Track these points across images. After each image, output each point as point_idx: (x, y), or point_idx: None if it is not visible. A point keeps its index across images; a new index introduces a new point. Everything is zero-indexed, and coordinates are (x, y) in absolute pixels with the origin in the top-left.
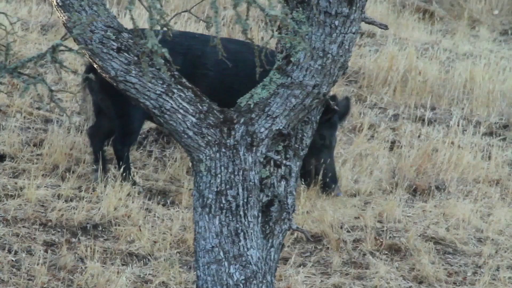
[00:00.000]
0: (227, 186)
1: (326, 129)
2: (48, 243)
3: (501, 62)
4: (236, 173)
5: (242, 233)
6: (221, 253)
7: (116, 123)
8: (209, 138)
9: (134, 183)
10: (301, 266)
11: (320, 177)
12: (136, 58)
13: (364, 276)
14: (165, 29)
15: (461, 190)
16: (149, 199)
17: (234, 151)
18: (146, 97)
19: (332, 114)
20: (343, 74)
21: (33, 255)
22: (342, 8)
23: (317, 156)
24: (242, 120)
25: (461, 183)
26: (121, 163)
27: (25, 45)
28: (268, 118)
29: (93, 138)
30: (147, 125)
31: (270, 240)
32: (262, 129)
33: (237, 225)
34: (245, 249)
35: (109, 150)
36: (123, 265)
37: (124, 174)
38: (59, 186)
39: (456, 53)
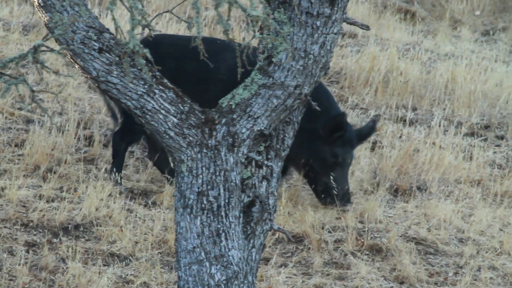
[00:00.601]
0: (209, 187)
1: (338, 146)
2: (30, 243)
3: (482, 62)
4: (217, 173)
5: (223, 234)
6: (203, 254)
7: (122, 119)
8: (191, 138)
9: (117, 183)
10: (283, 267)
11: (331, 192)
12: (117, 59)
13: (345, 277)
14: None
15: (442, 190)
16: (131, 200)
17: (216, 151)
18: (127, 97)
19: (343, 131)
20: (324, 75)
21: (15, 256)
22: (323, 9)
23: (329, 173)
24: (223, 120)
25: (443, 184)
26: (113, 158)
27: (7, 45)
28: (249, 118)
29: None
30: None
31: (252, 241)
32: (244, 130)
33: (219, 226)
34: (227, 250)
35: (90, 151)
36: (104, 265)
37: (111, 170)
38: (41, 186)
39: (438, 54)
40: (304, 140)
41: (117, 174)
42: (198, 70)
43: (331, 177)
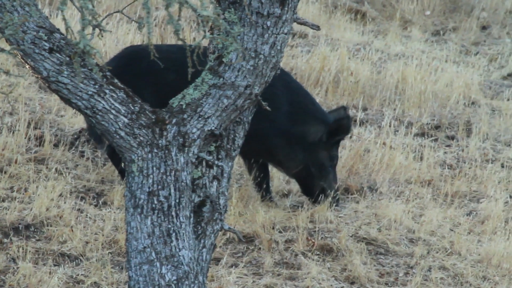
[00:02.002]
0: (159, 187)
1: (335, 149)
2: None
3: (433, 62)
4: (168, 173)
5: (174, 234)
6: (153, 254)
7: None
8: (141, 138)
9: None
10: (233, 267)
11: (328, 193)
12: (68, 59)
13: (296, 277)
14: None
15: (393, 190)
16: (81, 200)
17: (166, 151)
18: (78, 97)
19: (346, 134)
20: (275, 75)
21: None
22: (274, 9)
23: (328, 176)
24: (174, 120)
25: (393, 184)
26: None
27: None
28: (200, 118)
29: (114, 156)
30: (79, 125)
31: (202, 241)
32: (194, 130)
33: (169, 226)
34: (177, 250)
35: (41, 151)
36: (55, 265)
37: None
38: None
39: (388, 54)
40: (297, 146)
41: None
42: (182, 81)
43: (327, 180)
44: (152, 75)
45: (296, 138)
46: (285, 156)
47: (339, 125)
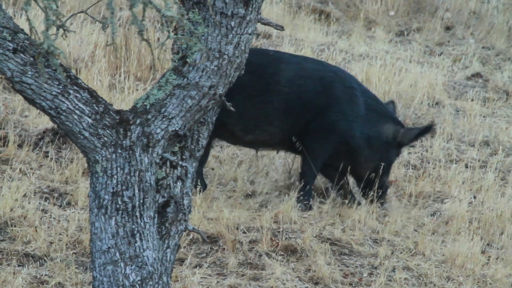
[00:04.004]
0: (123, 187)
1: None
2: None
3: (397, 63)
4: (132, 174)
5: (138, 234)
6: (117, 254)
7: None
8: (105, 139)
9: None
10: (197, 267)
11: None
12: (32, 59)
13: (260, 277)
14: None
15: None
16: (45, 200)
17: (130, 152)
18: (42, 98)
19: (422, 138)
20: (239, 75)
21: None
22: (238, 9)
23: (389, 173)
24: (138, 121)
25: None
26: None
27: None
28: (164, 119)
29: None
30: (43, 125)
31: (166, 241)
32: (158, 130)
33: (133, 226)
34: (141, 250)
35: (5, 151)
36: (19, 266)
37: None
38: None
39: (352, 54)
40: (374, 146)
41: None
42: (257, 82)
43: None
44: None
45: (374, 139)
46: (365, 158)
47: (425, 132)
